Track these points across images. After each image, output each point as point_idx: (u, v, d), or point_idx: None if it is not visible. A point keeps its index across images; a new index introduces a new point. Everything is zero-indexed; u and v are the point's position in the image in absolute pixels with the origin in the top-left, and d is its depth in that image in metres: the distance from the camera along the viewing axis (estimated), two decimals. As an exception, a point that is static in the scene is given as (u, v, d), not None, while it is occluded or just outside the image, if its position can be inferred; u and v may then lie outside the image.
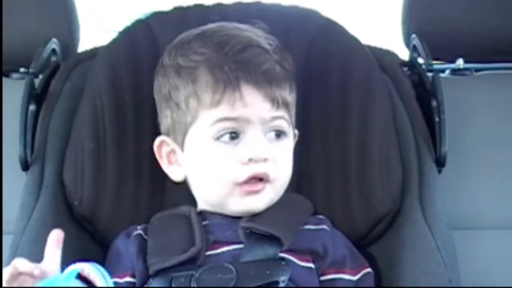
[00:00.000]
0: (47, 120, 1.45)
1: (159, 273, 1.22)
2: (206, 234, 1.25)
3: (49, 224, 1.34)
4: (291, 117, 1.30)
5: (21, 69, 1.72)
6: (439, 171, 1.42)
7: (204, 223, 1.28)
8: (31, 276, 1.08)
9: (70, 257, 1.30)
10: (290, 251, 1.24)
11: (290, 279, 1.21)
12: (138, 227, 1.31)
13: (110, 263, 1.30)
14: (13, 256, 1.31)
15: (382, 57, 1.49)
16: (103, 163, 1.35)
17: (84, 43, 1.74)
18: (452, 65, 1.74)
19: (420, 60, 1.60)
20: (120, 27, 1.48)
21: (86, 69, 1.46)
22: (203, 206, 1.31)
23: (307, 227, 1.29)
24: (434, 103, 1.47)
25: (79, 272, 1.09)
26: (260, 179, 1.24)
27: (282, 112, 1.26)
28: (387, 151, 1.36)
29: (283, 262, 1.21)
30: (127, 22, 1.49)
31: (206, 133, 1.23)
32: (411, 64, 1.60)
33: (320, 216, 1.32)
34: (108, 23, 2.72)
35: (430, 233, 1.33)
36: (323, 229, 1.29)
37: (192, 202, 1.33)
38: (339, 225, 1.33)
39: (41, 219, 1.35)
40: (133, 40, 1.42)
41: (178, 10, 1.48)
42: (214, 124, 1.23)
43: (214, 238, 1.26)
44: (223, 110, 1.22)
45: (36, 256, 1.30)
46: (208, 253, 1.24)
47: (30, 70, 1.52)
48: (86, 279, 1.09)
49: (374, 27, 2.63)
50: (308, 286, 1.23)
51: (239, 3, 1.49)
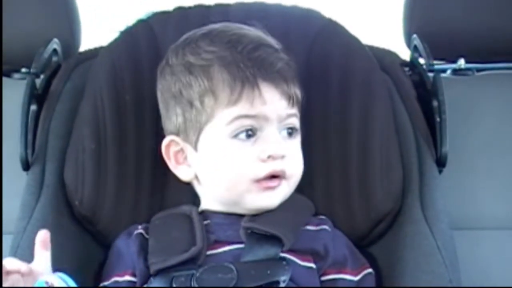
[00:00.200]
0: (48, 120, 1.45)
1: (159, 272, 1.22)
2: (207, 233, 1.25)
3: (50, 224, 1.33)
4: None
5: (22, 69, 1.72)
6: (439, 171, 1.42)
7: (205, 222, 1.27)
8: (19, 273, 1.08)
9: (70, 257, 1.31)
10: (291, 251, 1.24)
11: (291, 279, 1.20)
12: (139, 227, 1.31)
13: (111, 262, 1.30)
14: (14, 256, 1.31)
15: (382, 57, 1.49)
16: (104, 163, 1.35)
17: (85, 43, 1.74)
18: (453, 65, 1.73)
19: (421, 60, 1.60)
20: (121, 27, 1.48)
21: (87, 69, 1.46)
22: (209, 205, 1.30)
23: (308, 227, 1.29)
24: (435, 103, 1.47)
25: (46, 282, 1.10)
26: (276, 175, 1.24)
27: (295, 110, 1.27)
28: (387, 151, 1.36)
29: (284, 262, 1.22)
30: (128, 22, 1.49)
31: (223, 131, 1.23)
32: (412, 64, 1.60)
33: (321, 217, 1.32)
34: (109, 23, 2.72)
35: (431, 233, 1.33)
36: (324, 230, 1.29)
37: (193, 202, 1.34)
38: (339, 225, 1.33)
39: (42, 219, 1.35)
40: (134, 40, 1.42)
41: (179, 10, 1.48)
42: (232, 122, 1.22)
43: (215, 238, 1.25)
44: (242, 108, 1.22)
45: (37, 256, 1.31)
46: (209, 252, 1.24)
47: (31, 70, 1.52)
48: None
49: (375, 27, 2.63)
50: (309, 286, 1.23)
51: (240, 3, 1.49)
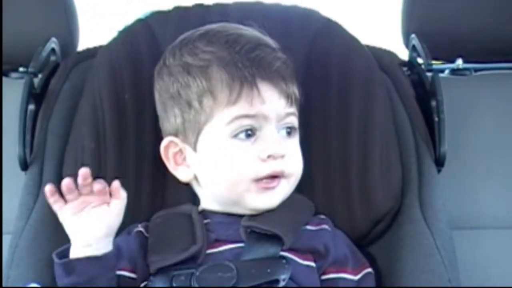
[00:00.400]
0: (46, 120, 1.45)
1: (159, 271, 1.22)
2: (207, 232, 1.25)
3: (48, 224, 1.33)
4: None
5: (21, 69, 1.72)
6: (438, 171, 1.42)
7: (205, 221, 1.27)
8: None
9: (70, 257, 1.31)
10: (291, 250, 1.24)
11: (290, 278, 1.21)
12: (139, 225, 1.31)
13: None
14: (13, 256, 1.31)
15: (381, 57, 1.49)
16: (103, 162, 1.34)
17: (84, 43, 1.74)
18: (452, 65, 1.74)
19: (420, 60, 1.60)
20: (120, 27, 1.48)
21: (85, 68, 1.46)
22: (209, 205, 1.30)
23: (308, 227, 1.29)
24: (433, 103, 1.47)
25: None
26: (275, 176, 1.24)
27: (294, 109, 1.27)
28: (387, 150, 1.36)
29: (284, 261, 1.22)
30: (127, 21, 1.49)
31: (223, 131, 1.23)
32: (411, 64, 1.61)
33: (321, 216, 1.32)
34: (107, 22, 2.72)
35: (430, 232, 1.33)
36: (324, 229, 1.29)
37: (193, 201, 1.33)
38: (339, 224, 1.33)
39: (40, 218, 1.35)
40: (133, 39, 1.42)
41: (178, 10, 1.48)
42: (231, 122, 1.23)
43: (215, 237, 1.25)
44: (241, 108, 1.22)
45: (36, 255, 1.31)
46: (209, 251, 1.24)
47: (30, 70, 1.51)
48: None
49: (374, 27, 2.63)
50: (309, 284, 1.23)
51: (239, 3, 1.49)
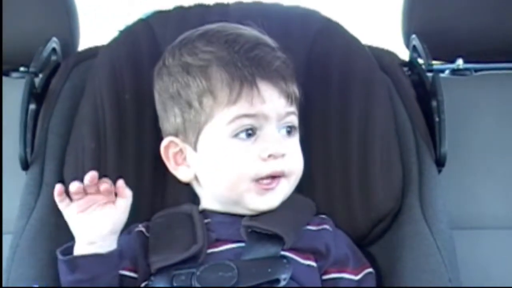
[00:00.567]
0: (47, 119, 1.45)
1: (160, 270, 1.22)
2: (208, 232, 1.25)
3: (49, 224, 1.34)
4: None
5: (21, 68, 1.73)
6: (439, 171, 1.42)
7: (206, 221, 1.27)
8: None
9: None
10: (291, 249, 1.24)
11: (291, 277, 1.21)
12: (140, 225, 1.31)
13: None
14: (13, 256, 1.31)
15: (382, 57, 1.49)
16: (103, 162, 1.34)
17: (85, 43, 1.74)
18: (452, 65, 1.74)
19: (420, 61, 1.60)
20: (121, 27, 1.48)
21: (86, 68, 1.46)
22: (210, 205, 1.30)
23: (309, 227, 1.29)
24: (434, 103, 1.47)
25: None
26: (277, 175, 1.24)
27: (294, 108, 1.27)
28: (387, 150, 1.36)
29: (285, 260, 1.22)
30: (127, 21, 1.49)
31: (223, 131, 1.23)
32: (411, 64, 1.60)
33: (322, 216, 1.32)
34: (108, 22, 2.72)
35: (430, 232, 1.33)
36: (325, 229, 1.29)
37: (193, 201, 1.33)
38: (340, 224, 1.32)
39: (41, 218, 1.35)
40: (134, 39, 1.42)
41: (178, 10, 1.48)
42: (232, 121, 1.22)
43: (216, 236, 1.25)
44: (242, 107, 1.22)
45: (36, 255, 1.31)
46: (210, 251, 1.24)
47: (30, 69, 1.51)
48: None
49: (374, 27, 2.63)
50: (310, 284, 1.23)
51: (239, 3, 1.49)
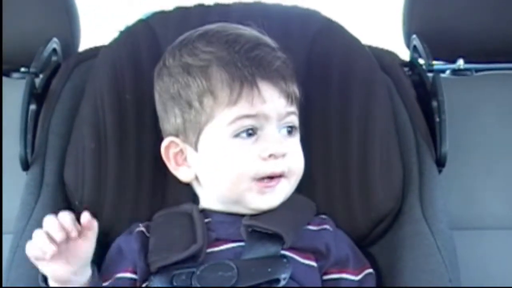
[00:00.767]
0: (47, 120, 1.45)
1: (160, 270, 1.22)
2: (208, 231, 1.25)
3: (49, 224, 1.34)
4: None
5: (22, 69, 1.73)
6: (439, 171, 1.42)
7: (206, 220, 1.27)
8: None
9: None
10: (291, 248, 1.24)
11: (291, 277, 1.21)
12: (140, 224, 1.31)
13: (111, 259, 1.30)
14: (13, 256, 1.31)
15: (382, 57, 1.49)
16: (104, 162, 1.34)
17: (85, 43, 1.74)
18: (453, 66, 1.74)
19: (421, 61, 1.60)
20: (121, 27, 1.48)
21: (87, 68, 1.46)
22: (210, 205, 1.30)
23: (309, 227, 1.29)
24: (434, 103, 1.47)
25: None
26: (277, 175, 1.25)
27: (294, 108, 1.27)
28: (387, 150, 1.36)
29: (285, 260, 1.22)
30: (127, 21, 1.49)
31: (224, 131, 1.23)
32: (412, 64, 1.61)
33: (323, 216, 1.32)
34: (109, 22, 2.72)
35: (430, 232, 1.33)
36: (325, 229, 1.29)
37: (193, 201, 1.33)
38: (340, 225, 1.32)
39: (41, 219, 1.33)
40: (134, 40, 1.42)
41: (179, 10, 1.48)
42: (233, 122, 1.23)
43: (216, 236, 1.25)
44: (242, 108, 1.22)
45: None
46: (210, 250, 1.24)
47: (31, 70, 1.52)
48: None
49: (375, 27, 2.63)
50: (309, 284, 1.23)
51: (240, 3, 1.49)
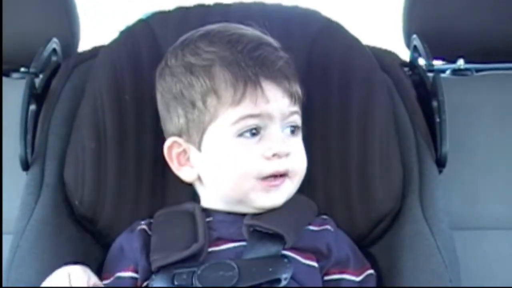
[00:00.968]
0: (47, 120, 1.45)
1: (161, 269, 1.22)
2: (209, 230, 1.25)
3: (50, 224, 1.34)
4: None
5: (22, 69, 1.72)
6: (439, 171, 1.42)
7: (208, 219, 1.27)
8: None
9: (71, 257, 1.31)
10: (293, 249, 1.24)
11: (292, 277, 1.21)
12: (142, 222, 1.31)
13: (113, 258, 1.30)
14: (13, 256, 1.31)
15: (382, 57, 1.49)
16: (104, 162, 1.34)
17: (85, 43, 1.74)
18: (453, 66, 1.74)
19: (421, 61, 1.60)
20: (121, 27, 1.48)
21: (87, 69, 1.46)
22: (212, 204, 1.30)
23: (310, 227, 1.29)
24: (434, 103, 1.47)
25: None
26: (281, 174, 1.25)
27: (297, 107, 1.27)
28: (387, 150, 1.36)
29: (286, 260, 1.22)
30: (128, 19, 1.49)
31: (228, 131, 1.23)
32: (412, 64, 1.60)
33: (324, 217, 1.32)
34: (108, 23, 2.72)
35: (431, 233, 1.33)
36: (326, 229, 1.29)
37: (194, 201, 1.33)
38: (340, 225, 1.32)
39: (41, 219, 1.35)
40: (134, 40, 1.42)
41: (179, 10, 1.48)
42: (236, 122, 1.22)
43: (218, 235, 1.25)
44: (246, 108, 1.22)
45: (37, 256, 1.31)
46: (211, 249, 1.24)
47: (31, 70, 1.51)
48: None
49: (375, 27, 2.63)
50: (310, 284, 1.23)
51: (240, 3, 1.49)
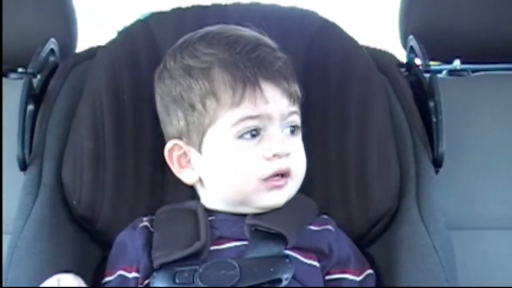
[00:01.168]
0: (45, 120, 1.45)
1: (162, 266, 1.22)
2: (211, 229, 1.26)
3: (47, 224, 1.34)
4: None
5: (19, 69, 1.72)
6: (436, 171, 1.42)
7: (210, 218, 1.27)
8: None
9: (69, 257, 1.31)
10: (294, 248, 1.24)
11: (293, 277, 1.21)
12: (144, 219, 1.31)
13: (115, 254, 1.30)
14: (11, 256, 1.31)
15: (379, 57, 1.49)
16: (102, 162, 1.35)
17: (83, 43, 1.74)
18: (449, 66, 1.74)
19: (417, 61, 1.60)
20: (119, 28, 1.48)
21: (84, 69, 1.46)
22: (212, 206, 1.30)
23: (311, 227, 1.29)
24: (431, 103, 1.47)
25: None
26: (282, 174, 1.25)
27: (296, 108, 1.27)
28: (385, 151, 1.36)
29: (287, 260, 1.22)
30: (126, 22, 1.49)
31: (228, 133, 1.23)
32: (409, 65, 1.61)
33: (324, 216, 1.33)
34: (107, 23, 2.72)
35: (427, 233, 1.33)
36: (327, 229, 1.30)
37: (192, 200, 1.34)
38: (338, 224, 1.32)
39: (39, 219, 1.35)
40: (132, 40, 1.42)
41: (177, 11, 1.48)
42: (236, 124, 1.22)
43: (219, 234, 1.26)
44: (246, 109, 1.22)
45: (35, 255, 1.31)
46: (213, 248, 1.24)
47: (29, 70, 1.51)
48: None
49: (372, 28, 2.63)
50: (312, 283, 1.23)
51: (237, 4, 1.49)
